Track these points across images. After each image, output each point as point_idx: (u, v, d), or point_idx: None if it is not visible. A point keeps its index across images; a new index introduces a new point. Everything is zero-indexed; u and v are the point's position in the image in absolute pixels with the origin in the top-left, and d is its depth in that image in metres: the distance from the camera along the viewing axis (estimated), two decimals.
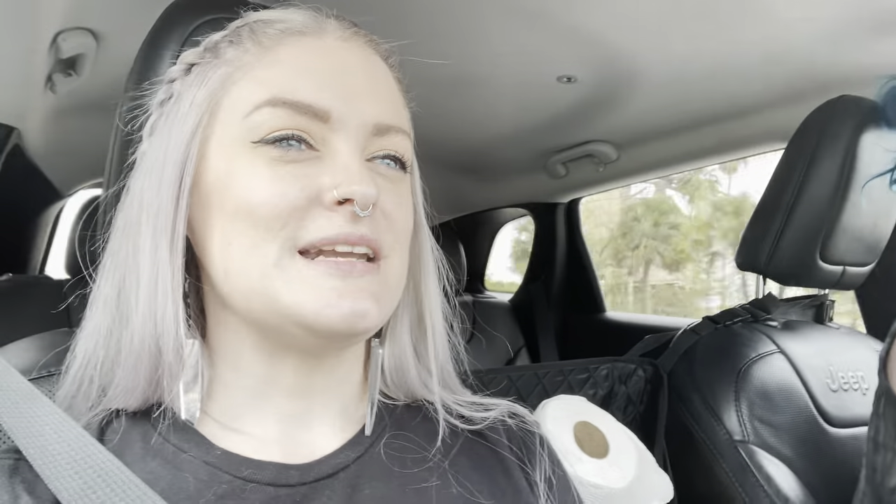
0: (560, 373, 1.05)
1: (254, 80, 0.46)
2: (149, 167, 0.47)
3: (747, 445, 0.94)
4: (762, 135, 1.42)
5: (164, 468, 0.45)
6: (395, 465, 0.50)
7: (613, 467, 0.78)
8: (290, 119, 0.45)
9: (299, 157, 0.45)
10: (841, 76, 1.16)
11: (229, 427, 0.48)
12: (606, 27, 1.08)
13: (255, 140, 0.45)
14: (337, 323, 0.44)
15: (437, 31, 1.10)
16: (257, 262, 0.44)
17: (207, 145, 0.47)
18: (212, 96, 0.47)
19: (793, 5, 0.97)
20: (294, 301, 0.43)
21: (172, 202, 0.46)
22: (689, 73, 1.22)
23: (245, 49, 0.47)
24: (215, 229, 0.46)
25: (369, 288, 0.45)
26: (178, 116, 0.47)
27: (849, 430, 1.03)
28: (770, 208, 1.09)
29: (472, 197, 2.44)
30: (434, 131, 1.70)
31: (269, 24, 0.48)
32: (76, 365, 0.48)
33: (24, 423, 0.43)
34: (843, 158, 1.03)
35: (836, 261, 1.08)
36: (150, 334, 0.45)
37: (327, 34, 0.49)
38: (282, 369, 0.49)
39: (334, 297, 0.43)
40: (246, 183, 0.44)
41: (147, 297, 0.46)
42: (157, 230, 0.46)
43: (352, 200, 0.44)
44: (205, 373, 0.49)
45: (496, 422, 0.57)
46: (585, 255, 2.34)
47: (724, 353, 1.04)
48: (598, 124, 1.60)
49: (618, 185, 2.04)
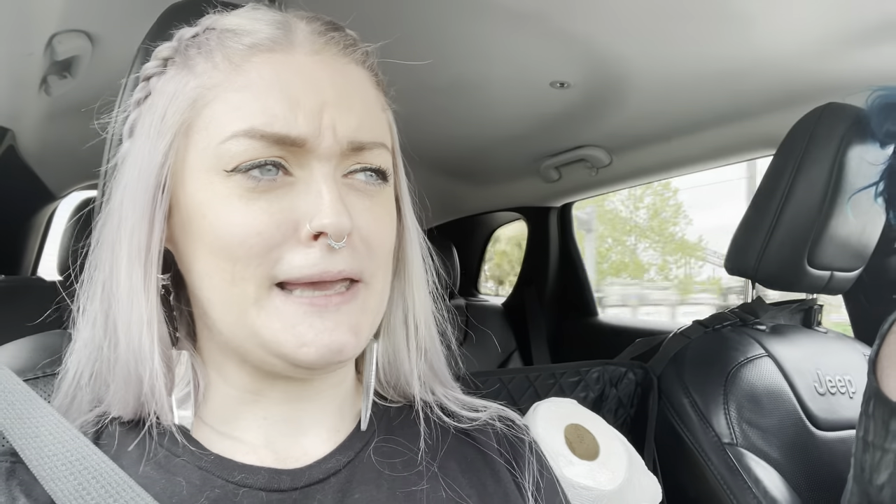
0: (552, 376, 1.06)
1: (226, 104, 0.45)
2: (126, 181, 0.47)
3: (735, 448, 0.95)
4: (752, 141, 1.44)
5: (158, 472, 0.45)
6: (385, 469, 0.50)
7: (603, 469, 0.79)
8: (265, 149, 0.44)
9: (272, 187, 0.44)
10: (829, 83, 1.17)
11: (222, 432, 0.49)
12: (599, 33, 1.09)
13: (228, 169, 0.44)
14: (314, 360, 0.44)
15: (430, 36, 1.11)
16: (237, 298, 0.44)
17: (183, 168, 0.46)
18: (183, 117, 0.46)
19: (781, 14, 0.98)
20: (273, 339, 0.44)
21: (147, 224, 0.46)
22: (681, 78, 1.24)
23: (214, 64, 0.46)
24: (197, 258, 0.46)
25: (347, 320, 0.46)
26: (151, 130, 0.47)
27: (836, 434, 1.04)
28: (759, 214, 1.10)
29: (466, 200, 2.45)
30: (428, 135, 1.71)
31: (236, 37, 0.47)
32: (68, 379, 0.49)
33: (20, 425, 0.44)
34: (830, 165, 1.04)
35: (823, 266, 1.09)
36: (132, 360, 0.46)
37: (296, 49, 0.47)
38: (270, 384, 0.49)
39: (311, 335, 0.44)
40: (222, 217, 0.44)
41: (126, 322, 0.46)
42: (132, 251, 0.46)
43: (326, 233, 0.44)
44: (199, 381, 0.50)
45: (486, 425, 0.58)
46: (578, 258, 2.35)
47: (713, 357, 1.05)
48: (590, 129, 1.61)
49: (610, 189, 2.05)
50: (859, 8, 0.95)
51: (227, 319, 0.46)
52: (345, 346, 0.45)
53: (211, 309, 0.46)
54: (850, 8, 0.95)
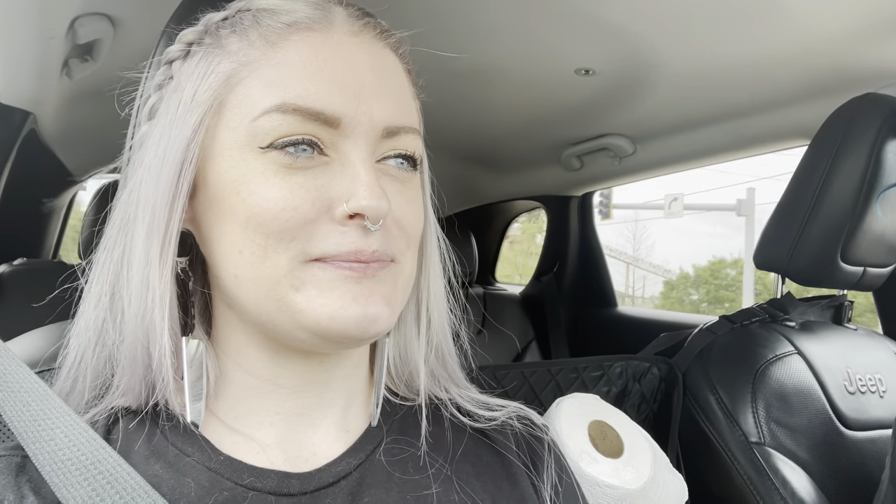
0: (574, 370, 1.04)
1: (261, 81, 0.44)
2: (148, 161, 0.46)
3: (763, 448, 0.93)
4: (783, 131, 1.40)
5: (167, 472, 0.45)
6: (396, 471, 0.49)
7: (628, 467, 0.77)
8: (299, 125, 0.43)
9: (309, 164, 0.44)
10: (866, 73, 1.13)
11: (233, 428, 0.48)
12: (628, 19, 1.06)
13: (263, 146, 0.43)
14: (350, 327, 0.43)
15: (456, 22, 1.09)
16: (270, 271, 0.43)
17: (212, 146, 0.45)
18: (216, 94, 0.45)
19: (818, 2, 0.95)
20: (308, 305, 0.43)
21: (168, 202, 0.45)
22: (711, 67, 1.20)
23: (250, 42, 0.45)
24: (225, 234, 0.45)
25: (382, 290, 0.45)
26: (178, 109, 0.46)
27: (865, 434, 1.01)
28: (792, 207, 1.07)
29: (486, 188, 2.43)
30: (449, 122, 1.69)
31: (274, 16, 0.46)
32: (69, 362, 0.48)
33: (34, 427, 0.43)
34: (867, 158, 1.01)
35: (856, 261, 1.06)
36: (141, 338, 0.45)
37: (335, 28, 0.47)
38: (287, 367, 0.48)
39: (348, 298, 0.43)
40: (257, 192, 0.43)
41: (138, 299, 0.45)
42: (151, 229, 0.45)
43: (363, 215, 0.43)
44: (210, 372, 0.49)
45: (504, 425, 0.57)
46: (598, 249, 2.32)
47: (740, 354, 1.02)
48: (615, 117, 1.58)
49: (633, 179, 2.01)
50: None
51: (256, 294, 0.44)
52: (380, 316, 0.44)
53: (237, 286, 0.45)
54: None
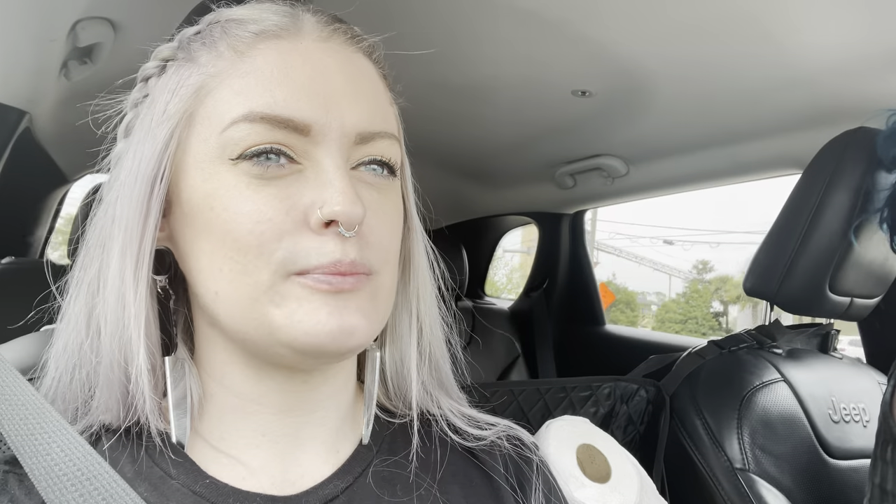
0: (562, 389, 1.05)
1: (229, 91, 0.44)
2: (123, 178, 0.46)
3: (747, 474, 0.93)
4: (776, 159, 1.42)
5: (152, 494, 0.44)
6: (384, 494, 0.49)
7: (615, 493, 0.77)
8: (268, 133, 0.43)
9: (280, 173, 0.43)
10: (858, 106, 1.15)
11: (218, 449, 0.48)
12: (624, 42, 1.07)
13: (233, 157, 0.43)
14: (326, 342, 0.43)
15: (454, 38, 1.09)
16: (249, 288, 0.43)
17: (185, 159, 0.45)
18: (186, 107, 0.45)
19: (812, 34, 0.96)
20: (286, 322, 0.43)
21: (141, 219, 0.44)
22: (706, 92, 1.22)
23: (219, 54, 0.45)
24: (203, 251, 0.44)
25: (358, 303, 0.44)
26: (151, 125, 0.46)
27: (848, 462, 1.02)
28: (783, 235, 1.08)
29: (478, 202, 2.43)
30: (443, 135, 1.69)
31: (242, 25, 0.46)
32: (47, 381, 0.48)
33: (31, 442, 0.42)
34: (857, 190, 1.02)
35: (844, 292, 1.07)
36: (118, 358, 0.45)
37: (304, 35, 0.46)
38: (271, 386, 0.48)
39: (324, 313, 0.43)
40: (231, 207, 0.43)
41: (114, 318, 0.45)
42: (125, 247, 0.45)
43: (337, 221, 0.42)
44: (193, 392, 0.48)
45: (493, 445, 0.56)
46: (588, 267, 2.33)
47: (728, 379, 1.03)
48: (609, 138, 1.59)
49: (625, 199, 2.03)
50: (891, 31, 0.93)
51: (235, 312, 0.44)
52: (356, 329, 0.43)
53: (217, 304, 0.44)
54: (882, 31, 0.93)
